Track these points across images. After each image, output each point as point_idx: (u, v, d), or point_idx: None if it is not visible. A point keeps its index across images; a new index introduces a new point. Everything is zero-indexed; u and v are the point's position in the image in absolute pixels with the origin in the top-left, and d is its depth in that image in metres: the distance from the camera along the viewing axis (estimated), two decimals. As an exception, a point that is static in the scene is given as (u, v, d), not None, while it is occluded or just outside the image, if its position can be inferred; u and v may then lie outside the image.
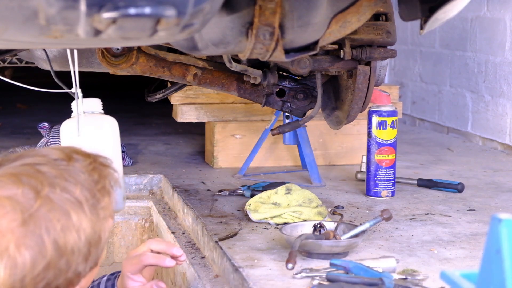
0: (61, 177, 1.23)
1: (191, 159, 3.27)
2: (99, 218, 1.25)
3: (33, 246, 1.18)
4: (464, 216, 2.37)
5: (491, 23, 3.64)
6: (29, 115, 4.50)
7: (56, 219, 1.20)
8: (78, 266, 1.23)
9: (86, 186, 1.25)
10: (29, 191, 1.20)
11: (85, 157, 1.30)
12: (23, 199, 1.19)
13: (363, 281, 1.70)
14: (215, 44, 1.62)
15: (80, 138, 2.31)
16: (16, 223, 1.18)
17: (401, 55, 4.49)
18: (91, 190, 1.25)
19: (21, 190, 1.19)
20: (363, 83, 2.23)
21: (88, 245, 1.24)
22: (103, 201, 1.27)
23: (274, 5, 1.50)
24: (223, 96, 3.04)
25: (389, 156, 2.55)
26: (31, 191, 1.20)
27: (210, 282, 2.00)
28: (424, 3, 1.70)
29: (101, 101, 2.44)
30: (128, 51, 2.33)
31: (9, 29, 1.24)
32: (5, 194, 1.19)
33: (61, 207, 1.20)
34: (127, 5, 1.16)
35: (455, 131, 3.97)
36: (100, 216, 1.26)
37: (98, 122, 2.39)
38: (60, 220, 1.20)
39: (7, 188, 1.20)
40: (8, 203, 1.19)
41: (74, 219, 1.21)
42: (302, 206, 2.24)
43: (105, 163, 1.32)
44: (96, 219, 1.25)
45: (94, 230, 1.24)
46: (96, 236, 1.25)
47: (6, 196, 1.19)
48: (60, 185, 1.22)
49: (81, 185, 1.24)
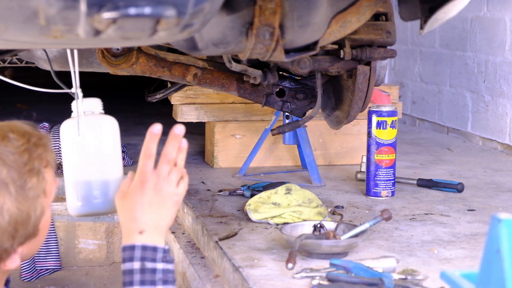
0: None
1: (191, 159, 3.27)
2: (27, 198, 1.30)
3: None
4: (464, 216, 2.37)
5: (491, 23, 3.64)
6: (29, 115, 4.49)
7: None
8: (3, 244, 1.28)
9: (14, 167, 1.29)
10: None
11: (20, 136, 1.35)
12: None
13: (363, 281, 1.70)
14: (215, 44, 1.62)
15: (80, 138, 2.31)
16: None
17: (401, 55, 4.49)
18: (20, 171, 1.30)
19: None
20: (363, 83, 2.23)
21: (14, 223, 1.28)
22: (30, 182, 1.31)
23: (274, 5, 1.50)
24: (223, 96, 3.04)
25: (389, 156, 2.55)
26: None
27: (210, 282, 2.00)
28: (424, 3, 1.70)
29: (101, 101, 2.44)
30: (128, 51, 2.33)
31: (9, 29, 1.24)
32: None
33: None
34: (127, 5, 1.16)
35: (455, 131, 3.97)
36: (28, 196, 1.30)
37: (98, 122, 2.38)
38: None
39: None
40: None
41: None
42: (302, 206, 2.24)
43: (38, 143, 1.36)
44: (23, 199, 1.29)
45: (21, 210, 1.29)
46: (24, 215, 1.29)
47: None
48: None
49: (8, 166, 1.29)
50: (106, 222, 2.85)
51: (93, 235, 2.84)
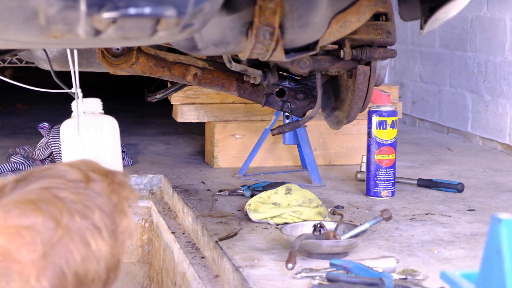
0: (79, 202, 1.20)
1: (191, 159, 3.27)
2: (117, 242, 1.23)
3: (53, 278, 1.15)
4: (464, 216, 2.37)
5: (491, 23, 3.64)
6: (29, 115, 4.50)
7: (76, 249, 1.17)
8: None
9: (105, 210, 1.22)
10: (49, 220, 1.16)
11: (103, 176, 1.26)
12: (43, 229, 1.15)
13: (363, 281, 1.70)
14: (215, 44, 1.62)
15: (80, 138, 2.31)
16: (36, 255, 1.14)
17: (401, 55, 4.49)
18: (110, 214, 1.22)
19: (40, 219, 1.15)
20: (363, 83, 2.23)
21: (108, 271, 1.22)
22: (122, 225, 1.24)
23: (274, 5, 1.50)
24: (223, 96, 3.04)
25: (389, 156, 2.55)
26: (50, 220, 1.16)
27: (210, 282, 2.00)
28: (424, 3, 1.70)
29: (101, 101, 2.44)
30: (128, 51, 2.33)
31: (9, 29, 1.24)
32: (24, 223, 1.15)
33: (81, 236, 1.17)
34: (127, 5, 1.16)
35: (455, 131, 3.97)
36: (119, 240, 1.23)
37: (98, 122, 2.39)
38: (81, 251, 1.17)
39: (26, 216, 1.15)
40: (27, 234, 1.15)
41: (94, 248, 1.18)
42: (302, 206, 2.24)
43: (123, 182, 1.28)
44: (115, 244, 1.22)
45: (113, 255, 1.22)
46: (115, 260, 1.23)
47: (25, 226, 1.15)
48: (79, 212, 1.19)
49: (100, 210, 1.21)
50: (106, 222, 2.85)
51: (93, 235, 2.83)
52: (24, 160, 3.02)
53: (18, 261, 1.14)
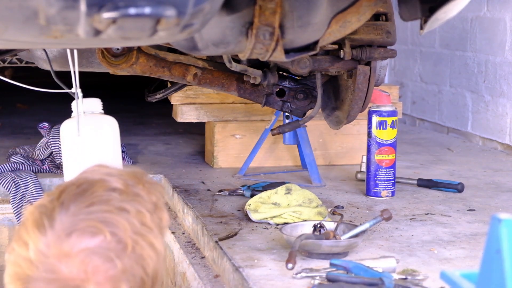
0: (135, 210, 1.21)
1: (191, 159, 3.27)
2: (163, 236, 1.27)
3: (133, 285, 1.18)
4: (464, 216, 2.37)
5: (491, 23, 3.64)
6: (29, 115, 4.50)
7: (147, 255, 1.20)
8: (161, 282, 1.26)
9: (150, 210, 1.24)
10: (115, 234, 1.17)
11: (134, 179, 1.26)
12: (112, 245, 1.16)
13: (363, 281, 1.70)
14: (215, 44, 1.62)
15: (80, 138, 2.31)
16: (114, 271, 1.15)
17: (401, 55, 4.49)
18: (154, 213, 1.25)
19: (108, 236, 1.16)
20: (363, 83, 2.23)
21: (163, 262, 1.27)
22: (163, 220, 1.26)
23: (274, 5, 1.50)
24: (223, 96, 3.04)
25: (389, 156, 2.55)
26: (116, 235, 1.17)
27: (210, 282, 2.00)
28: (424, 3, 1.70)
29: (101, 101, 2.44)
30: (128, 51, 2.33)
31: (9, 29, 1.24)
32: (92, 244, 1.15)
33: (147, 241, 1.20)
34: (127, 5, 1.16)
35: (455, 131, 3.97)
36: (164, 234, 1.27)
37: (98, 122, 2.39)
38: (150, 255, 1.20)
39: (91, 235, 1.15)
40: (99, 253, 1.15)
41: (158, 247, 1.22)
42: (302, 206, 2.24)
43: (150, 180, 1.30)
44: (162, 238, 1.26)
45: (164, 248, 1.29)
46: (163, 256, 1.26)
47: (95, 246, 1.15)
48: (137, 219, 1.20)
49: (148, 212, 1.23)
50: (106, 222, 2.85)
51: (93, 235, 2.83)
52: (24, 160, 3.02)
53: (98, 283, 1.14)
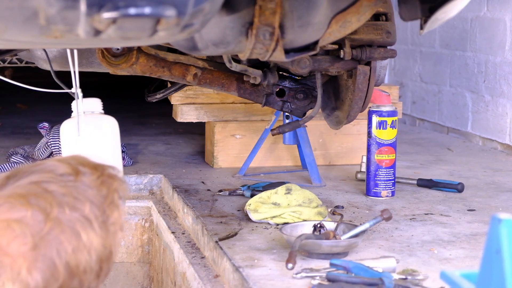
0: (69, 195, 1.21)
1: (191, 159, 3.27)
2: (109, 233, 1.23)
3: (45, 270, 1.16)
4: (464, 216, 2.37)
5: (491, 23, 3.64)
6: (29, 115, 4.50)
7: (67, 241, 1.17)
8: (90, 284, 1.22)
9: (95, 202, 1.22)
10: (38, 213, 1.18)
11: (93, 169, 1.27)
12: (32, 221, 1.16)
13: (363, 281, 1.70)
14: (215, 44, 1.62)
15: (80, 138, 2.31)
16: (27, 247, 1.15)
17: (401, 55, 4.49)
18: (101, 206, 1.23)
19: (30, 212, 1.17)
20: (363, 83, 2.23)
21: (100, 262, 1.22)
22: (112, 216, 1.24)
23: (274, 5, 1.50)
24: (223, 96, 3.04)
25: (389, 156, 2.55)
26: (40, 213, 1.18)
27: (210, 282, 2.00)
28: (424, 3, 1.70)
29: (101, 101, 2.44)
30: (128, 51, 2.33)
31: (9, 29, 1.24)
32: (13, 216, 1.16)
33: (71, 228, 1.18)
34: (127, 5, 1.16)
35: (455, 131, 3.97)
36: (110, 232, 1.24)
37: (98, 122, 2.39)
38: (71, 242, 1.18)
39: (16, 210, 1.17)
40: (17, 227, 1.16)
41: (85, 239, 1.19)
42: (302, 206, 2.24)
43: (113, 174, 1.29)
44: (106, 235, 1.23)
45: (105, 246, 1.22)
46: (107, 252, 1.23)
47: (15, 219, 1.16)
48: (69, 204, 1.20)
49: (90, 202, 1.22)
50: (106, 222, 2.85)
51: (93, 235, 2.83)
52: (24, 160, 3.02)
53: (8, 254, 1.15)
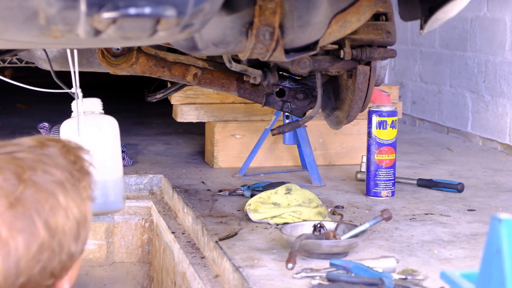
0: (39, 161, 1.23)
1: (191, 159, 3.27)
2: (82, 198, 1.24)
3: (24, 229, 1.16)
4: (464, 216, 2.37)
5: (491, 23, 3.64)
6: (29, 115, 4.50)
7: (44, 199, 1.18)
8: (70, 247, 1.22)
9: (64, 167, 1.24)
10: (10, 175, 1.19)
11: (57, 142, 1.29)
12: (5, 184, 1.17)
13: (363, 281, 1.70)
14: (215, 44, 1.62)
15: (80, 138, 2.31)
16: (3, 208, 1.16)
17: (401, 55, 4.49)
18: (70, 171, 1.24)
19: (1, 176, 1.18)
20: (363, 83, 2.23)
21: (77, 225, 1.22)
22: (83, 181, 1.25)
23: (274, 5, 1.50)
24: (223, 96, 3.04)
25: (389, 156, 2.55)
26: (12, 175, 1.19)
27: (210, 282, 2.00)
28: (424, 3, 1.70)
29: (101, 101, 2.44)
30: (128, 51, 2.33)
31: (9, 29, 1.24)
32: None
33: (46, 188, 1.19)
34: (127, 5, 1.16)
35: (455, 131, 3.97)
36: (83, 196, 1.24)
37: (98, 122, 2.38)
38: (48, 201, 1.18)
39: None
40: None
41: (61, 200, 1.20)
42: (302, 206, 2.24)
43: (77, 146, 1.31)
44: (80, 200, 1.24)
45: (80, 210, 1.23)
46: (82, 216, 1.23)
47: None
48: (40, 168, 1.21)
49: (60, 166, 1.23)
50: (106, 222, 2.85)
51: (93, 235, 2.84)
52: (24, 160, 3.02)
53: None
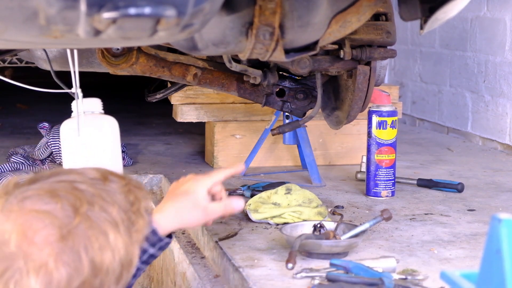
0: (99, 196, 1.21)
1: (191, 159, 3.27)
2: (132, 240, 1.23)
3: (70, 263, 1.15)
4: (464, 216, 2.37)
5: (491, 23, 3.64)
6: (29, 115, 4.50)
7: (94, 237, 1.17)
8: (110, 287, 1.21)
9: (122, 207, 1.23)
10: (68, 207, 1.17)
11: (120, 178, 1.28)
12: (61, 214, 1.17)
13: (363, 281, 1.70)
14: (215, 44, 1.62)
15: (80, 138, 2.31)
16: (54, 238, 1.15)
17: (401, 55, 4.49)
18: (127, 211, 1.23)
19: (59, 205, 1.17)
20: (363, 83, 2.23)
21: (121, 267, 1.21)
22: (137, 224, 1.25)
23: (274, 5, 1.50)
24: (223, 96, 3.04)
25: (389, 156, 2.55)
26: (69, 207, 1.18)
27: (210, 282, 2.00)
28: (424, 3, 1.70)
29: (101, 101, 2.44)
30: (128, 51, 2.33)
31: (9, 29, 1.24)
32: (43, 208, 1.17)
33: (99, 226, 1.19)
34: (127, 5, 1.16)
35: (455, 131, 3.97)
36: (133, 239, 1.24)
37: (98, 122, 2.39)
38: (98, 239, 1.18)
39: (45, 202, 1.17)
40: (46, 217, 1.16)
41: (111, 239, 1.19)
42: (302, 206, 2.24)
43: (139, 186, 1.30)
44: (130, 242, 1.23)
45: (127, 252, 1.22)
46: (128, 259, 1.23)
47: (44, 210, 1.16)
48: (98, 204, 1.20)
49: (118, 205, 1.22)
50: (106, 222, 2.85)
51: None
52: (24, 160, 3.02)
53: (35, 243, 1.15)
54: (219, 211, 1.72)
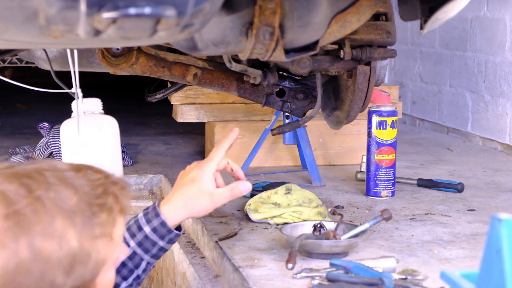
0: (61, 184, 1.21)
1: (191, 159, 3.27)
2: (92, 234, 1.19)
3: (7, 243, 1.14)
4: (464, 216, 2.37)
5: (491, 23, 3.64)
6: (29, 115, 4.50)
7: (39, 220, 1.15)
8: (55, 278, 1.16)
9: (85, 198, 1.20)
10: (22, 189, 1.18)
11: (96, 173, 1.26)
12: (13, 194, 1.17)
13: (363, 281, 1.70)
14: (215, 44, 1.62)
15: (80, 138, 2.31)
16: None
17: (401, 55, 4.49)
18: (90, 204, 1.20)
19: (14, 186, 1.17)
20: (363, 83, 2.23)
21: (72, 259, 1.17)
22: (99, 217, 1.21)
23: (274, 5, 1.50)
24: (223, 96, 3.04)
25: (389, 156, 2.55)
26: (24, 189, 1.18)
27: (210, 282, 2.00)
28: (424, 3, 1.70)
29: (101, 101, 2.44)
30: (128, 51, 2.33)
31: (9, 29, 1.24)
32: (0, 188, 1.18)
33: (49, 211, 1.16)
34: (127, 5, 1.16)
35: (455, 131, 3.97)
36: (94, 233, 1.20)
37: (98, 122, 2.39)
38: (43, 223, 1.15)
39: (2, 183, 1.18)
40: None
41: (58, 226, 1.16)
42: (302, 206, 2.24)
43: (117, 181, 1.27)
44: (88, 234, 1.19)
45: (82, 244, 1.17)
46: (84, 252, 1.18)
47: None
48: (55, 190, 1.18)
49: (79, 196, 1.20)
50: (106, 222, 2.85)
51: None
52: (24, 160, 3.02)
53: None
54: (226, 196, 1.73)
